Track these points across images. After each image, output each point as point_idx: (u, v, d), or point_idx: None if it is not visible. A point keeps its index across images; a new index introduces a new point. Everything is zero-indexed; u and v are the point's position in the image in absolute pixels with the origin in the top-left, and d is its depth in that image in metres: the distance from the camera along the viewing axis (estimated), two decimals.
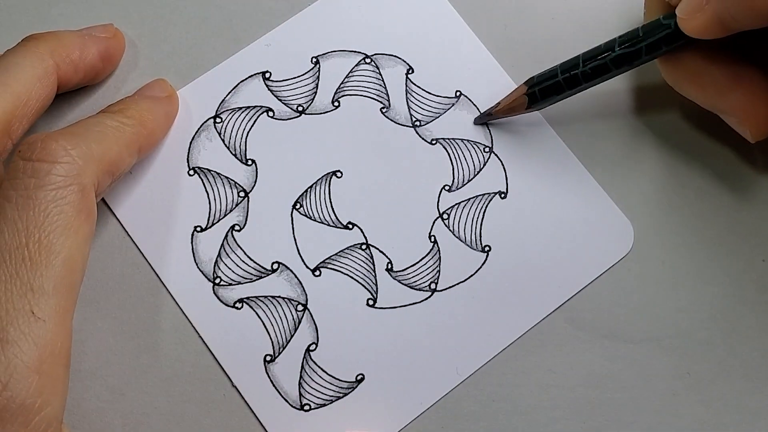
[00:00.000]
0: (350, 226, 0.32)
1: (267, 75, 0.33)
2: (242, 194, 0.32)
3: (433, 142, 0.33)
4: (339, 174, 0.32)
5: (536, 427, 0.30)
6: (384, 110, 0.33)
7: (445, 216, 0.32)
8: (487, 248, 0.32)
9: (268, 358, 0.30)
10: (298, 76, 0.33)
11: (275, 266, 0.31)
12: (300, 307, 0.31)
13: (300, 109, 0.33)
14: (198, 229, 0.32)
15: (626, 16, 0.34)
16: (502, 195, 0.32)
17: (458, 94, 0.33)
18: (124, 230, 0.31)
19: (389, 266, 0.32)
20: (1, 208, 0.25)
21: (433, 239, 0.32)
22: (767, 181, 0.33)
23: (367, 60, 0.34)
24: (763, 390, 0.31)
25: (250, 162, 0.32)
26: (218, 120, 0.33)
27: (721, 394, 0.31)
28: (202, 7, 0.34)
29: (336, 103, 0.33)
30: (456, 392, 0.30)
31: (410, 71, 0.34)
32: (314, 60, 0.34)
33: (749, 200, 0.33)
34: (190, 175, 0.32)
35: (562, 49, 0.33)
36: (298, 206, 0.32)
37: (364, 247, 0.32)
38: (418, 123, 0.33)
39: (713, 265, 0.32)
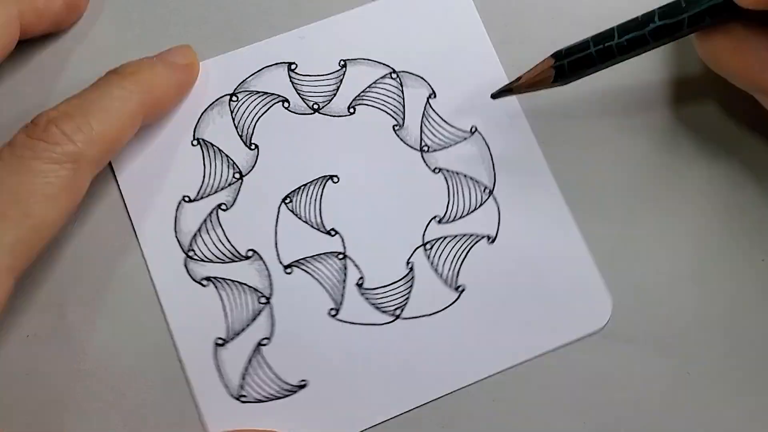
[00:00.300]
0: (333, 232, 0.32)
1: (293, 66, 0.34)
2: (237, 176, 0.32)
3: (436, 170, 0.33)
4: (336, 179, 0.32)
5: (536, 427, 0.30)
6: (396, 128, 0.33)
7: (428, 246, 0.32)
8: (461, 288, 0.31)
9: (220, 342, 0.30)
10: (323, 75, 0.34)
11: (249, 253, 0.31)
12: (263, 300, 0.31)
13: (315, 106, 0.33)
14: (186, 198, 0.32)
15: None
16: (490, 240, 0.32)
17: (473, 129, 0.33)
18: (120, 196, 0.32)
19: (360, 281, 0.31)
20: None
21: (410, 266, 0.31)
22: (767, 181, 0.32)
23: (393, 75, 0.34)
24: (763, 390, 0.31)
25: (253, 146, 0.33)
26: (234, 99, 0.33)
27: (721, 394, 0.30)
28: None
29: (351, 110, 0.33)
30: (456, 392, 0.30)
31: (432, 96, 0.33)
32: (342, 63, 0.34)
33: (749, 200, 0.32)
34: (193, 144, 0.32)
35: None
36: (287, 200, 0.32)
37: (341, 256, 0.31)
38: (426, 148, 0.33)
39: (713, 265, 0.32)
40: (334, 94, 0.33)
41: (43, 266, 0.31)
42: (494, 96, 0.31)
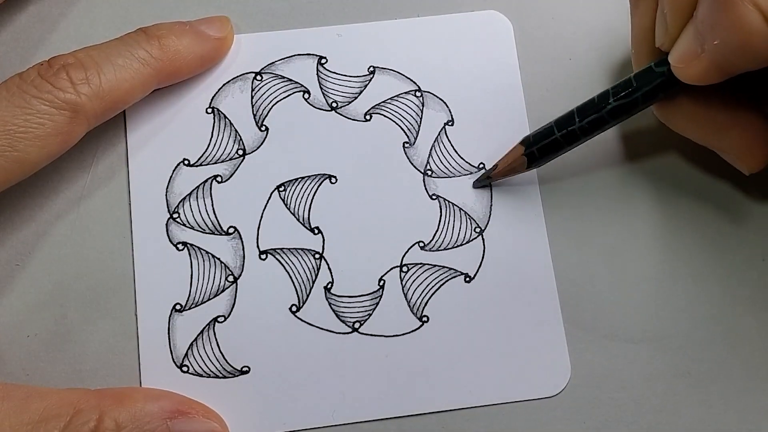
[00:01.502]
0: (316, 231, 0.32)
1: (323, 61, 0.34)
2: (240, 152, 0.32)
3: (434, 197, 0.32)
4: (333, 180, 0.32)
5: (536, 427, 0.30)
6: (406, 145, 0.33)
7: (404, 269, 0.31)
8: (425, 319, 0.31)
9: (178, 307, 0.31)
10: (350, 76, 0.34)
11: (230, 230, 0.31)
12: (231, 278, 0.31)
13: (334, 105, 0.33)
14: (186, 162, 0.32)
15: None
16: (467, 279, 0.31)
17: (481, 166, 0.33)
18: (125, 147, 0.32)
19: (329, 285, 0.31)
20: None
21: (381, 283, 0.31)
22: (767, 180, 0.32)
23: (417, 93, 0.33)
24: (763, 390, 0.31)
25: (264, 128, 0.33)
26: (258, 78, 0.33)
27: (721, 394, 0.30)
28: None
29: (368, 117, 0.33)
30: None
31: (450, 122, 0.33)
32: (371, 69, 0.34)
33: (749, 199, 0.32)
34: (207, 112, 0.33)
35: None
36: (281, 189, 0.32)
37: (317, 256, 0.31)
38: (429, 172, 0.32)
39: (713, 264, 0.31)
40: (355, 98, 0.33)
41: (43, 266, 0.31)
42: (475, 185, 0.32)
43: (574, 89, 0.33)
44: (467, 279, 0.31)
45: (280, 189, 0.32)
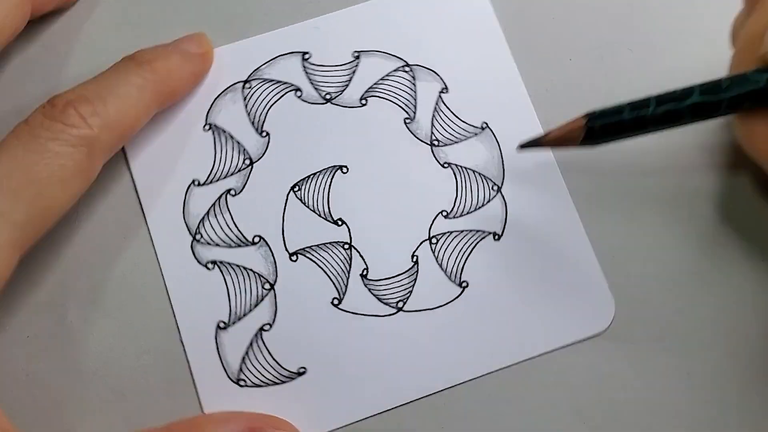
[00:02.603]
0: (340, 222, 0.32)
1: (307, 56, 0.34)
2: (247, 162, 0.32)
3: (446, 165, 0.33)
4: (345, 170, 0.32)
5: (536, 427, 0.30)
6: (407, 121, 0.33)
7: (434, 240, 0.32)
8: (464, 284, 0.31)
9: (222, 325, 0.31)
10: (336, 66, 0.34)
11: (256, 239, 0.32)
12: (267, 286, 0.31)
13: (328, 97, 0.33)
14: (196, 182, 0.32)
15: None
16: (496, 237, 0.32)
17: (484, 126, 0.33)
18: (132, 181, 0.32)
19: (365, 272, 0.31)
20: (9, 144, 0.27)
21: (414, 259, 0.31)
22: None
23: (406, 68, 0.34)
24: (764, 390, 0.30)
25: (264, 134, 0.33)
26: (247, 86, 0.33)
27: (721, 394, 0.30)
28: None
29: (363, 101, 0.33)
30: (456, 392, 0.30)
31: (444, 90, 0.33)
32: (356, 54, 0.34)
33: (749, 199, 0.32)
34: (205, 130, 0.33)
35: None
36: (296, 189, 0.32)
37: (346, 246, 0.32)
38: (436, 142, 0.33)
39: (713, 265, 0.31)
40: (347, 85, 0.33)
41: (43, 266, 0.31)
42: (521, 147, 0.30)
43: (575, 89, 0.33)
44: (496, 237, 0.32)
45: (295, 189, 0.32)
